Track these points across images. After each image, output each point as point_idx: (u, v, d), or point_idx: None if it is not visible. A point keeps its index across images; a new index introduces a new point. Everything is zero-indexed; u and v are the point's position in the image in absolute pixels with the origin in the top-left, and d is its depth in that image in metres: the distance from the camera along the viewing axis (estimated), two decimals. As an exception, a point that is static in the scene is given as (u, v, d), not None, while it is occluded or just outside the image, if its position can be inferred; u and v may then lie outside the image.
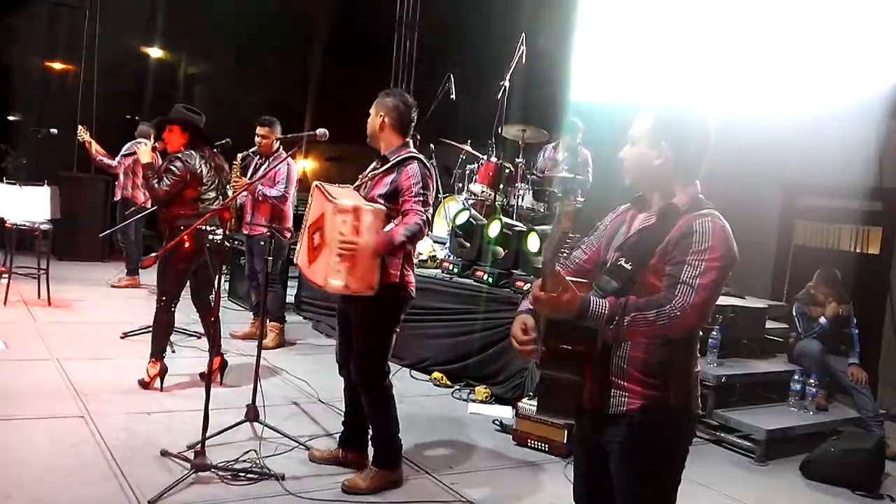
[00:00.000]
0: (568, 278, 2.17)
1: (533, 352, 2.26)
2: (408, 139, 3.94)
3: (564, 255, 2.03)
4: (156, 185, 4.94)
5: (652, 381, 2.22)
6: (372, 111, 3.93)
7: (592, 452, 2.39)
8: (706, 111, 2.34)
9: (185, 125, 5.12)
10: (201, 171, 5.06)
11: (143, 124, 8.88)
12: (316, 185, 3.79)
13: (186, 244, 4.53)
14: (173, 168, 4.97)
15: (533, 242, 6.13)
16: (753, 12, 7.39)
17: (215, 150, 5.27)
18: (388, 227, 3.66)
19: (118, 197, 8.83)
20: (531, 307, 2.28)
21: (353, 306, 3.84)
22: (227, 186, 5.39)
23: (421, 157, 3.85)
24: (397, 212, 3.71)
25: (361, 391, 3.91)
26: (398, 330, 3.95)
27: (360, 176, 3.92)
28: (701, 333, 2.37)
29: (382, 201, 3.72)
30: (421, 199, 3.71)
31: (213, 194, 5.14)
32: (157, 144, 5.38)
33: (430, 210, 3.81)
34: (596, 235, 2.50)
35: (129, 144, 8.69)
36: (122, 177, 8.75)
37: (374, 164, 3.90)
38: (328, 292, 3.85)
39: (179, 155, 5.03)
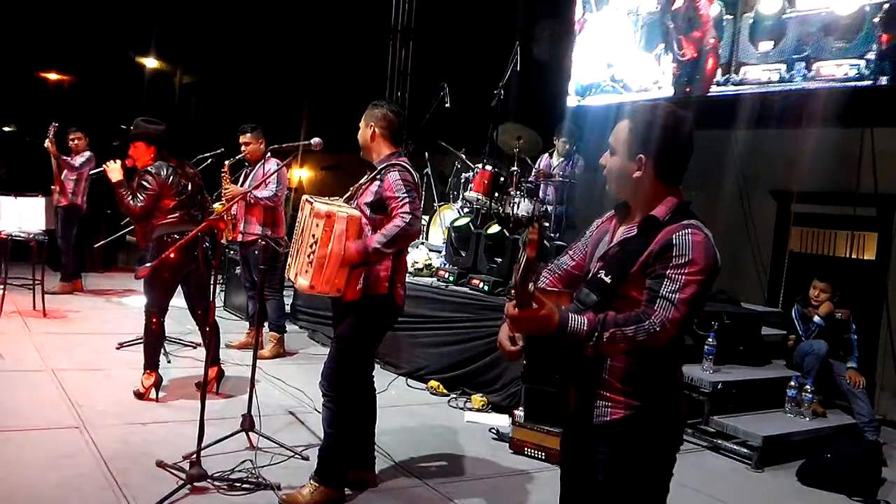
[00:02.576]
0: (549, 289, 2.17)
1: (521, 361, 2.26)
2: (399, 149, 3.94)
3: (534, 279, 2.01)
4: (131, 203, 4.90)
5: (633, 391, 2.22)
6: (362, 123, 3.93)
7: (579, 460, 2.39)
8: (685, 115, 2.27)
9: (148, 139, 5.06)
10: (173, 181, 5.01)
11: (72, 132, 8.72)
12: (305, 199, 3.82)
13: (172, 255, 4.46)
14: (144, 183, 4.93)
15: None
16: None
17: (214, 159, 5.25)
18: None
19: (64, 203, 8.58)
20: None
21: (340, 313, 3.82)
22: (211, 194, 5.35)
23: (403, 163, 3.81)
24: (381, 222, 3.70)
25: (325, 397, 3.81)
26: (375, 341, 3.92)
27: (351, 188, 3.92)
28: (691, 341, 2.37)
29: (368, 210, 3.73)
30: (406, 201, 3.67)
31: (189, 201, 5.12)
32: (126, 161, 5.20)
33: (419, 211, 3.77)
34: (583, 241, 2.48)
35: (87, 157, 8.62)
36: (73, 183, 8.59)
37: (365, 176, 3.90)
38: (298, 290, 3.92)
39: (149, 169, 4.98)
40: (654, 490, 2.30)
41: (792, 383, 5.68)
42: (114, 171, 4.99)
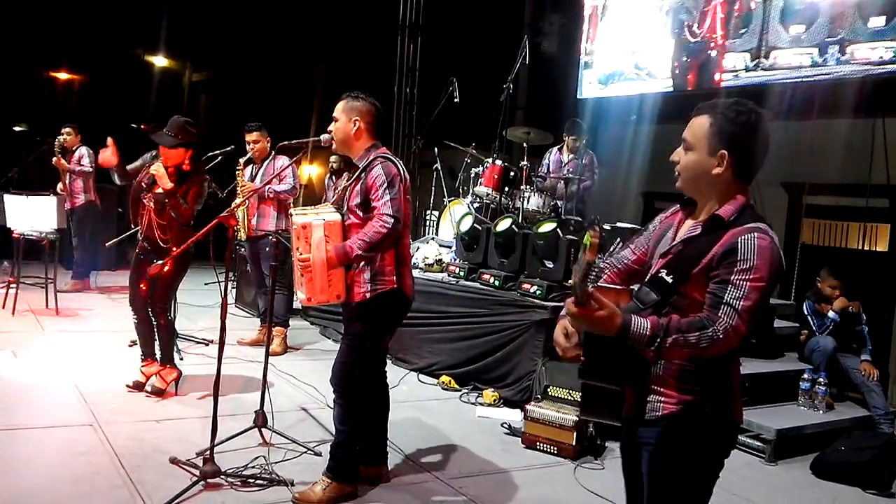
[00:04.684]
0: (608, 286, 2.18)
1: (576, 357, 2.23)
2: (377, 140, 3.83)
3: (593, 279, 2.00)
4: (185, 208, 4.93)
5: (688, 387, 2.20)
6: (341, 116, 3.77)
7: (632, 455, 2.37)
8: (764, 112, 2.23)
9: (187, 145, 5.05)
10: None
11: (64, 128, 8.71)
12: (289, 213, 3.85)
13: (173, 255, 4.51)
14: (202, 190, 5.04)
15: (547, 227, 6.04)
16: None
17: (223, 157, 5.29)
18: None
19: (79, 202, 8.68)
20: None
21: (351, 312, 3.79)
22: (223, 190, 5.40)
23: (384, 154, 3.73)
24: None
25: (335, 394, 3.80)
26: (386, 337, 3.89)
27: (337, 191, 3.89)
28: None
29: (359, 212, 3.68)
30: (386, 200, 3.58)
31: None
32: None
33: (401, 206, 3.62)
34: (645, 236, 2.45)
35: (88, 156, 8.60)
36: (81, 182, 8.65)
37: (345, 176, 3.87)
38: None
39: (205, 176, 5.12)
40: (694, 488, 2.27)
41: (805, 376, 5.66)
42: (164, 178, 4.91)
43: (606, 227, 6.75)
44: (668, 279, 2.18)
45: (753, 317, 2.09)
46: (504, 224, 6.37)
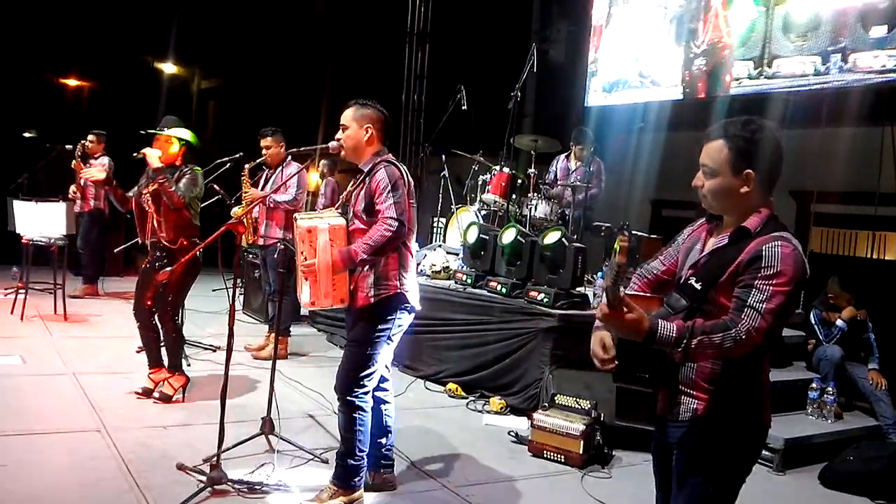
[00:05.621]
0: (639, 293, 2.30)
1: (616, 368, 2.34)
2: (383, 147, 3.85)
3: (623, 283, 2.13)
4: (174, 192, 4.93)
5: (719, 390, 2.30)
6: (352, 124, 3.78)
7: (663, 454, 2.47)
8: (774, 126, 2.32)
9: (180, 141, 5.13)
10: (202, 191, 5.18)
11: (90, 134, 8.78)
12: (293, 217, 3.86)
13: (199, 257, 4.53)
14: (196, 179, 5.06)
15: (552, 238, 6.04)
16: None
17: (232, 164, 5.30)
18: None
19: (89, 207, 8.77)
20: None
21: (354, 317, 3.79)
22: (231, 197, 5.41)
23: (389, 158, 3.75)
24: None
25: (339, 402, 3.79)
26: (390, 343, 3.84)
27: (341, 197, 3.91)
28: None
29: (364, 216, 3.69)
30: (391, 204, 3.60)
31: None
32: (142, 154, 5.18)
33: (405, 210, 3.64)
34: (674, 248, 2.56)
35: (108, 167, 8.67)
36: (94, 188, 8.71)
37: (328, 181, 3.89)
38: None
39: (195, 168, 5.12)
40: (725, 487, 2.35)
41: (814, 385, 5.63)
42: (153, 157, 4.99)
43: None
44: (697, 286, 2.30)
45: (777, 318, 2.17)
46: (509, 236, 6.33)
